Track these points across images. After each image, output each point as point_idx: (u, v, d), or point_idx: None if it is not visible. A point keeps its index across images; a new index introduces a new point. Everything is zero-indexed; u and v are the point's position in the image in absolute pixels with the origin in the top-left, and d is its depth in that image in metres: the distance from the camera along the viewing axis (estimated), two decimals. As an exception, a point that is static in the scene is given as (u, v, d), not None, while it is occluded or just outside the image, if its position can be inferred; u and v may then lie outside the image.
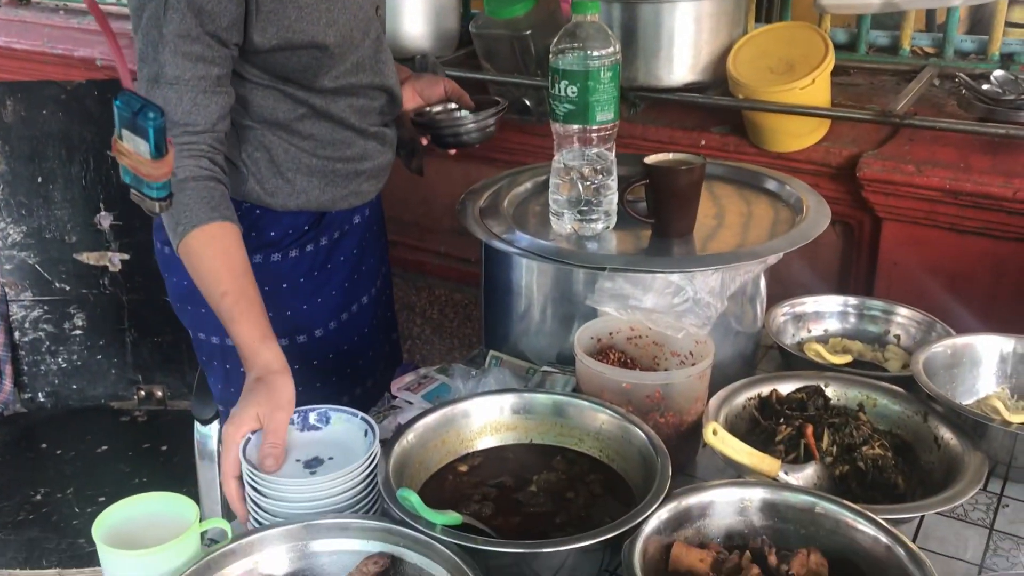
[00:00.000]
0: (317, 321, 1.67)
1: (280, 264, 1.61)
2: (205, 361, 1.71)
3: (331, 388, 1.71)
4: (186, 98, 1.36)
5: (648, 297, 1.33)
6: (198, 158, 1.37)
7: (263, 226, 1.58)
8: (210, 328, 1.63)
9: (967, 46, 2.24)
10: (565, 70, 1.41)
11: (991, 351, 1.41)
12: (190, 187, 1.34)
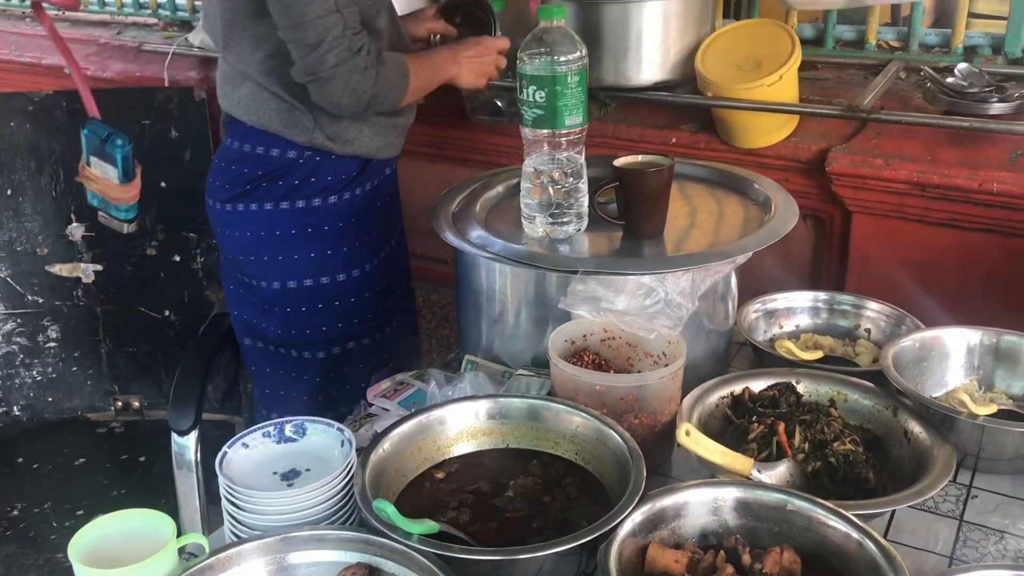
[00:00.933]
0: (359, 261, 1.89)
1: (336, 206, 1.83)
2: (266, 309, 1.87)
3: (364, 325, 1.93)
4: (351, 7, 1.65)
5: (620, 299, 1.34)
6: (372, 47, 1.67)
7: (323, 171, 1.80)
8: (272, 274, 1.83)
9: (931, 39, 2.27)
10: (533, 75, 1.41)
11: (958, 343, 1.43)
12: (383, 58, 1.70)
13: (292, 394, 1.94)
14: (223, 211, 1.83)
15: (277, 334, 1.88)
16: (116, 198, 1.06)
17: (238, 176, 1.80)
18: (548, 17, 1.40)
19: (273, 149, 1.79)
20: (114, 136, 1.04)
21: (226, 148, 1.83)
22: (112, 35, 3.46)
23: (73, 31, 3.58)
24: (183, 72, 3.06)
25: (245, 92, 1.77)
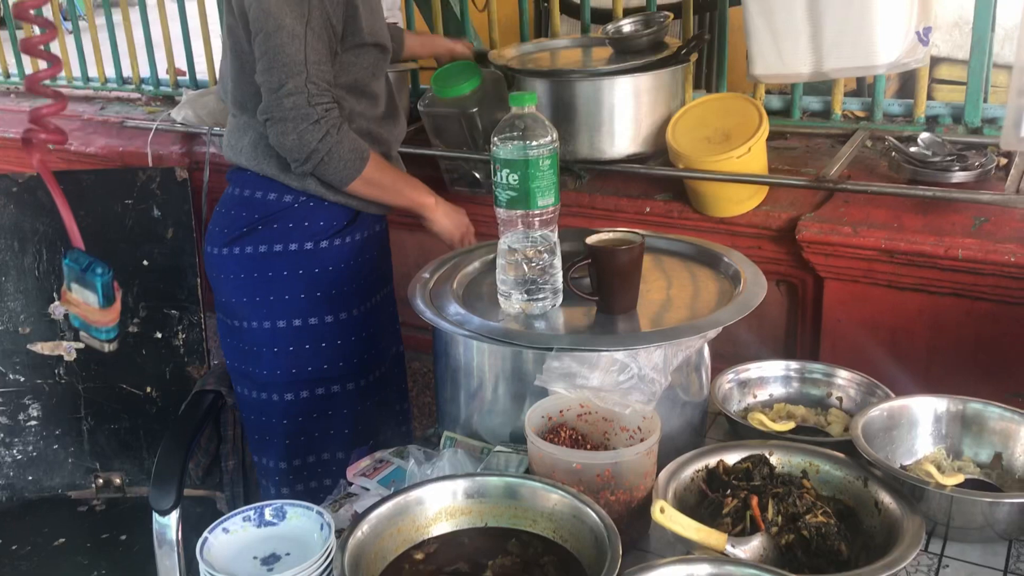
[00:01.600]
0: (347, 304, 1.99)
1: (327, 251, 1.95)
2: (254, 351, 1.96)
3: (349, 368, 2.01)
4: (327, 74, 1.78)
5: (595, 375, 1.37)
6: (335, 111, 1.80)
7: (316, 217, 1.93)
8: (262, 314, 1.93)
9: (895, 109, 2.34)
10: (506, 159, 1.46)
11: (926, 412, 1.46)
12: (346, 129, 1.81)
13: (277, 439, 2.00)
14: (219, 255, 1.93)
15: (263, 375, 1.96)
16: (97, 321, 1.10)
17: (236, 220, 1.92)
18: (520, 104, 1.45)
19: (271, 193, 1.91)
20: (94, 265, 1.09)
21: (228, 196, 1.96)
22: (96, 110, 3.52)
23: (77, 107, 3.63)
24: (166, 147, 3.11)
25: (248, 140, 1.91)
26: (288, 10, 1.72)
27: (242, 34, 1.82)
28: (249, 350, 1.97)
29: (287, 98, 1.74)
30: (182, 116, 2.91)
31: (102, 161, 3.24)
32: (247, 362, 1.98)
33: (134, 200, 2.19)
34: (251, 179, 1.93)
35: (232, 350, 2.01)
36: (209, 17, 3.31)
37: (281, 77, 1.74)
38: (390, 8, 2.88)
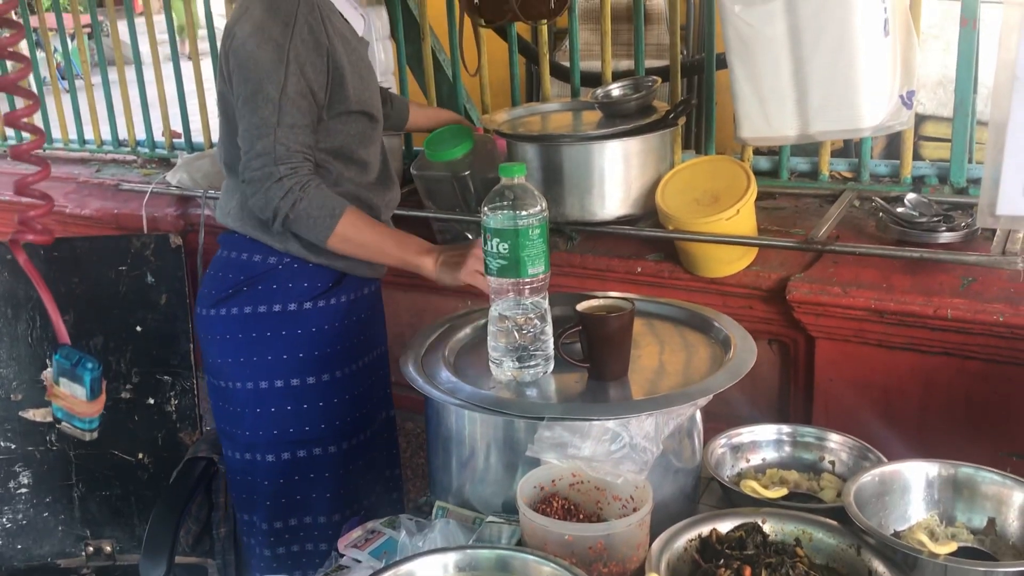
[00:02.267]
0: (331, 366, 1.99)
1: (311, 312, 1.96)
2: (237, 412, 1.97)
3: (332, 431, 2.00)
4: (302, 137, 1.81)
5: (586, 445, 1.37)
6: (311, 169, 1.83)
7: (300, 278, 1.95)
8: (247, 374, 1.94)
9: (881, 170, 2.37)
10: (496, 228, 1.47)
11: (918, 477, 1.46)
12: (316, 184, 1.82)
13: (260, 499, 2.00)
14: (207, 316, 1.95)
15: (246, 436, 1.97)
16: (81, 413, 1.11)
17: (223, 281, 1.95)
18: (509, 175, 1.47)
19: (256, 255, 1.94)
20: (84, 360, 1.11)
21: (217, 257, 2.00)
22: (92, 173, 3.54)
23: (53, 169, 3.65)
24: (161, 209, 3.13)
25: (236, 202, 1.95)
26: (266, 76, 1.77)
27: (230, 98, 1.87)
28: (233, 411, 1.98)
29: (255, 159, 1.79)
30: (177, 179, 2.93)
31: (97, 224, 3.26)
32: (231, 423, 1.99)
33: (128, 266, 2.21)
34: (238, 241, 1.96)
35: (218, 411, 2.02)
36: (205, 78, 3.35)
37: (252, 139, 1.79)
38: (384, 72, 2.93)
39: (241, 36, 1.80)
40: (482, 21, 2.63)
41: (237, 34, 1.81)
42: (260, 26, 1.78)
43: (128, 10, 3.62)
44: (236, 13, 1.85)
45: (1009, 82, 1.29)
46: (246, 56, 1.79)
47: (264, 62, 1.78)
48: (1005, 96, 1.33)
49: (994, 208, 1.38)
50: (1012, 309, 1.91)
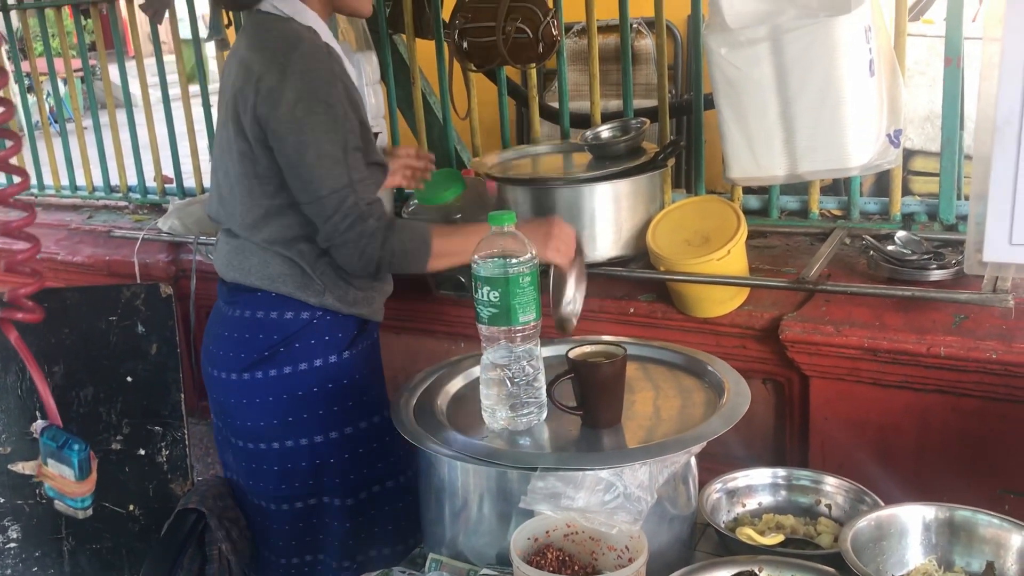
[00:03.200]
0: (361, 416, 1.96)
1: (345, 362, 1.93)
2: (263, 470, 1.92)
3: (357, 481, 1.96)
4: (371, 186, 1.83)
5: (580, 495, 1.35)
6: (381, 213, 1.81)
7: (334, 329, 1.92)
8: (282, 434, 1.89)
9: (871, 207, 2.38)
10: (487, 277, 1.47)
11: (915, 521, 1.45)
12: (398, 224, 1.83)
13: (274, 539, 1.98)
14: (241, 381, 1.89)
15: (268, 490, 1.93)
16: (72, 492, 1.11)
17: (255, 343, 1.89)
18: (499, 223, 1.47)
19: (287, 312, 1.89)
20: (71, 441, 1.12)
21: (237, 319, 1.92)
22: (83, 219, 3.55)
23: (45, 216, 3.67)
24: (152, 255, 3.13)
25: (257, 261, 1.89)
26: (326, 138, 1.74)
27: (259, 157, 1.81)
28: (258, 468, 1.94)
29: (343, 221, 1.76)
30: (168, 226, 2.93)
31: (88, 270, 3.25)
32: (253, 478, 1.95)
33: (118, 316, 2.20)
34: (263, 300, 1.90)
35: (239, 467, 1.97)
36: (196, 122, 3.37)
37: (332, 204, 1.75)
38: (375, 116, 2.94)
39: (287, 103, 1.73)
40: (471, 66, 2.65)
41: (281, 101, 1.74)
42: (305, 89, 1.74)
43: (119, 54, 3.65)
44: (263, 75, 1.76)
45: (989, 132, 1.30)
46: (298, 123, 1.74)
47: (319, 125, 1.75)
48: (986, 145, 1.33)
49: (980, 255, 1.38)
50: (1005, 346, 1.91)
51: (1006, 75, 1.30)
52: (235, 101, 1.82)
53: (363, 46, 2.88)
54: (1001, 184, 1.32)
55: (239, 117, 1.81)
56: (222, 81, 1.92)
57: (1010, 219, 1.33)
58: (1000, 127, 1.31)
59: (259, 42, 1.81)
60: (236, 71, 1.82)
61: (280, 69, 1.75)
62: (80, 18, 3.75)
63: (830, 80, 1.96)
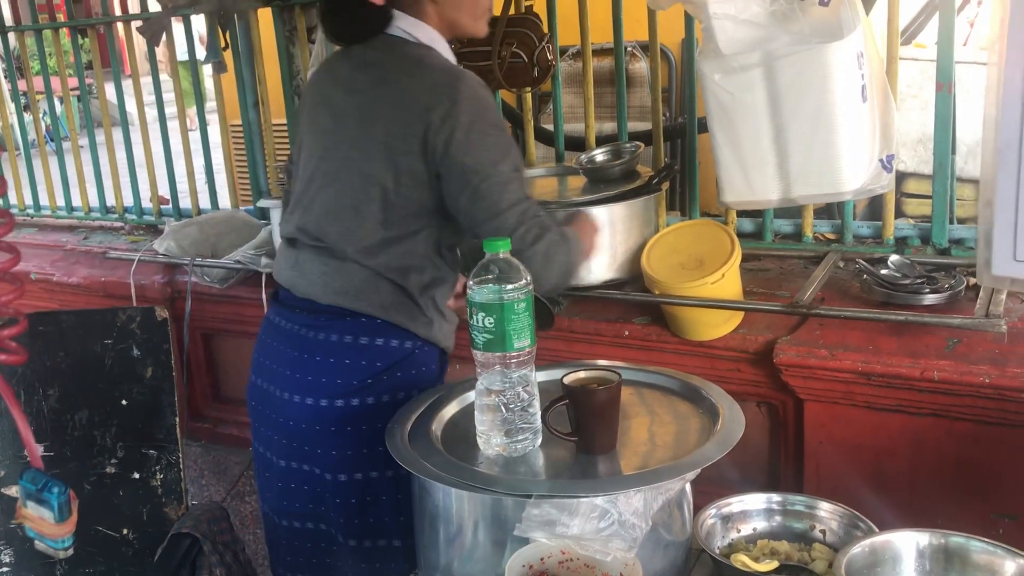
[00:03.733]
0: None
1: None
2: (369, 502, 1.86)
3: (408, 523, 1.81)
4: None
5: (575, 522, 1.35)
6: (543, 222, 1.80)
7: (429, 361, 1.91)
8: (381, 464, 1.79)
9: (864, 231, 2.40)
10: (481, 303, 1.48)
11: (909, 548, 1.45)
12: (555, 231, 1.80)
13: None
14: (329, 407, 1.82)
15: (385, 521, 1.88)
16: (52, 534, 1.11)
17: (355, 369, 1.83)
18: (494, 250, 1.47)
19: (392, 339, 1.85)
20: (50, 484, 1.12)
21: (334, 344, 1.84)
22: (79, 240, 3.55)
23: (40, 237, 3.67)
24: (148, 276, 3.13)
25: (368, 286, 1.84)
26: (501, 159, 1.77)
27: (401, 184, 1.80)
28: (319, 494, 1.88)
29: (528, 233, 1.75)
30: (164, 247, 2.94)
31: (84, 292, 3.25)
32: (306, 502, 1.90)
33: (113, 340, 2.20)
34: (368, 326, 1.84)
35: (287, 493, 1.90)
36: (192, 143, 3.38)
37: (515, 218, 1.75)
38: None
39: (463, 129, 1.74)
40: (466, 89, 2.66)
41: (457, 128, 1.74)
42: (477, 115, 1.76)
43: (115, 74, 3.66)
44: (433, 105, 1.75)
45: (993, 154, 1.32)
46: (475, 147, 1.75)
47: (495, 147, 1.77)
48: (991, 167, 1.36)
49: (991, 269, 1.42)
50: (998, 370, 1.92)
51: (1007, 101, 1.33)
52: (388, 128, 1.79)
53: (359, 69, 2.89)
54: (1005, 204, 1.36)
55: (390, 144, 1.78)
56: (335, 103, 1.88)
57: (1013, 236, 1.36)
58: (1002, 150, 1.35)
59: (414, 72, 1.80)
60: (386, 99, 1.80)
61: (451, 99, 1.75)
62: (77, 37, 3.76)
63: (823, 106, 1.98)
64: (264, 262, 2.71)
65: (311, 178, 1.91)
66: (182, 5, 3.11)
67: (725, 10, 2.03)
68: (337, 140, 1.87)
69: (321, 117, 1.91)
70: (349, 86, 1.87)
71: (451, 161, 1.76)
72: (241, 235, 2.99)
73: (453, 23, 1.89)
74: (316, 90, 1.98)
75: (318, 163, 1.90)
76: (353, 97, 1.85)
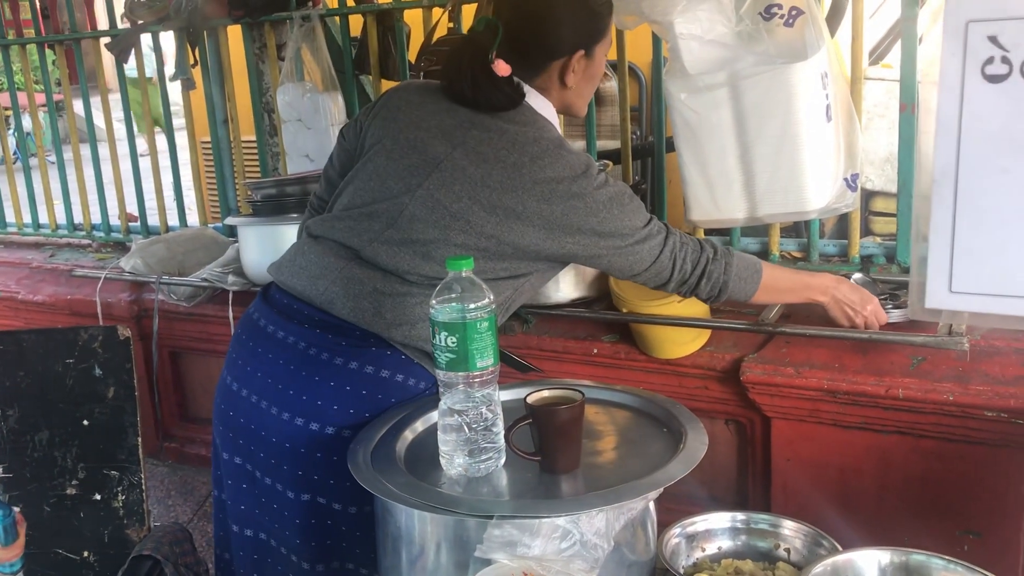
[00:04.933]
0: None
1: None
2: (343, 532, 1.77)
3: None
4: None
5: (536, 543, 1.34)
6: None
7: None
8: (349, 498, 1.73)
9: (830, 250, 2.41)
10: (444, 322, 1.46)
11: (871, 566, 1.45)
12: (735, 253, 1.82)
13: None
14: (334, 435, 1.71)
15: (295, 542, 1.79)
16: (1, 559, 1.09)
17: (372, 401, 1.73)
18: (456, 268, 1.46)
19: (411, 379, 1.76)
20: None
21: (352, 372, 1.74)
22: (45, 257, 3.51)
23: (6, 254, 3.63)
24: (115, 294, 3.10)
25: (410, 321, 1.75)
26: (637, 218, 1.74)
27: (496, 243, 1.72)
28: (305, 524, 1.78)
29: (685, 262, 1.76)
30: (131, 265, 2.91)
31: (50, 310, 3.22)
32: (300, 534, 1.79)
33: (75, 359, 2.17)
34: (392, 360, 1.75)
35: (286, 522, 1.80)
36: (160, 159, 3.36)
37: (669, 258, 1.75)
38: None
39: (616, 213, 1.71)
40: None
41: (614, 209, 1.71)
42: (558, 143, 1.74)
43: (83, 91, 3.64)
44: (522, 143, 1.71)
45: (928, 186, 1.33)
46: (635, 230, 1.73)
47: (574, 163, 1.72)
48: (926, 198, 1.37)
49: (923, 301, 1.41)
50: (961, 388, 1.93)
51: (940, 132, 1.33)
52: (522, 197, 1.69)
53: (328, 87, 2.89)
54: (940, 234, 1.36)
55: (521, 212, 1.70)
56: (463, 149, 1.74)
57: (949, 269, 1.36)
58: (938, 181, 1.35)
59: (558, 153, 1.72)
60: (525, 168, 1.70)
61: (587, 180, 1.71)
62: (44, 53, 3.73)
63: (788, 125, 2.00)
64: (231, 280, 2.68)
65: (405, 204, 1.76)
66: (151, 22, 3.10)
67: (691, 30, 2.05)
68: (451, 180, 1.74)
69: (432, 144, 1.77)
70: (473, 127, 1.76)
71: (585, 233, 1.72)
72: (209, 252, 2.97)
73: (570, 106, 1.87)
74: (426, 113, 1.82)
75: (422, 195, 1.75)
76: (480, 147, 1.74)
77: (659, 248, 1.74)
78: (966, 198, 1.33)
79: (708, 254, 1.78)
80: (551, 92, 1.81)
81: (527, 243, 1.72)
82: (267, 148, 3.25)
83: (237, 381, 1.84)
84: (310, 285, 1.80)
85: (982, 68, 1.30)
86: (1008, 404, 1.88)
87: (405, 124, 1.81)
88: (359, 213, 1.80)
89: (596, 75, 1.86)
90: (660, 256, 1.75)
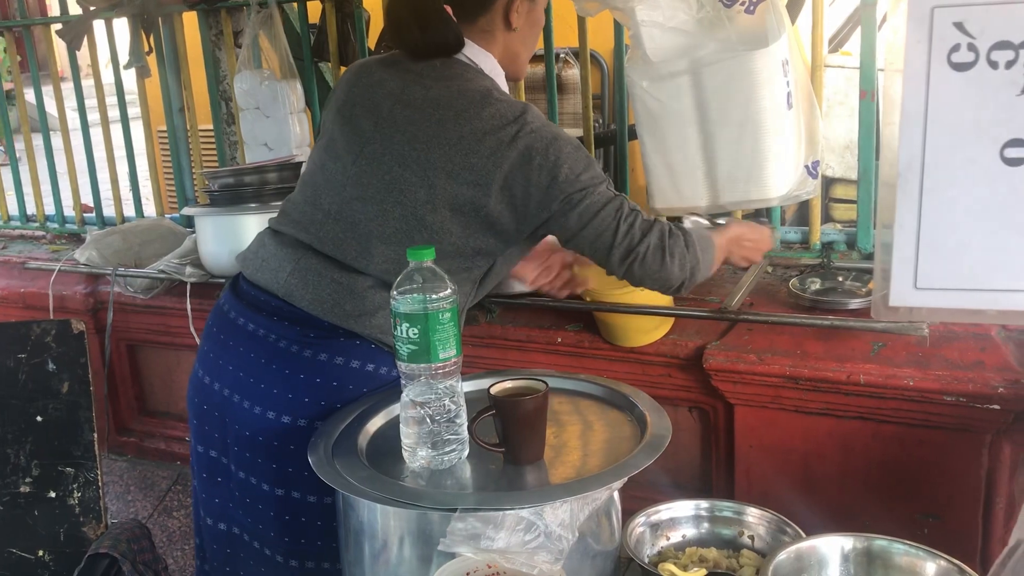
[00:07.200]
0: None
1: None
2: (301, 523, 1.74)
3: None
4: None
5: (500, 536, 1.33)
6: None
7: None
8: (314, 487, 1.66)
9: (792, 236, 2.42)
10: (406, 313, 1.45)
11: (834, 552, 1.47)
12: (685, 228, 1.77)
13: None
14: (307, 428, 1.68)
15: (270, 536, 1.77)
16: None
17: (341, 392, 1.71)
18: (418, 259, 1.44)
19: (383, 368, 1.74)
20: None
21: (321, 364, 1.71)
22: (-3, 249, 3.43)
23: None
24: (70, 287, 3.04)
25: (379, 313, 1.72)
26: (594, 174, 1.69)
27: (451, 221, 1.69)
28: (295, 522, 1.75)
29: (634, 228, 1.69)
30: (86, 257, 2.85)
31: (2, 303, 3.15)
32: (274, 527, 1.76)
33: (28, 354, 2.11)
34: (361, 350, 1.72)
35: (265, 518, 1.77)
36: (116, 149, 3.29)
37: (616, 222, 1.69)
38: (299, 145, 2.91)
39: (539, 154, 1.66)
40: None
41: (533, 155, 1.65)
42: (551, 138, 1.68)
43: (34, 79, 3.55)
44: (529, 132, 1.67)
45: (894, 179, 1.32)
46: (576, 178, 1.67)
47: (585, 165, 1.69)
48: (890, 194, 1.36)
49: (887, 301, 1.41)
50: (921, 373, 1.95)
51: (906, 122, 1.32)
52: (448, 156, 1.67)
53: (287, 74, 2.85)
54: (905, 230, 1.35)
55: (453, 173, 1.67)
56: (382, 112, 1.74)
57: (914, 265, 1.36)
58: (903, 173, 1.34)
59: (483, 103, 1.69)
60: (448, 125, 1.68)
61: (519, 126, 1.67)
62: (-4, 41, 3.64)
63: (749, 113, 1.99)
64: (189, 271, 2.64)
65: (342, 185, 1.75)
66: (103, 8, 3.03)
67: (652, 17, 2.04)
68: (381, 152, 1.73)
69: (361, 120, 1.76)
70: (400, 98, 1.74)
71: (532, 187, 1.67)
72: (166, 243, 2.92)
73: (514, 58, 1.83)
74: (359, 90, 1.80)
75: (356, 173, 1.75)
76: (406, 111, 1.72)
77: (601, 203, 1.67)
78: (932, 190, 1.32)
79: (663, 227, 1.71)
80: (495, 35, 1.79)
81: (462, 203, 1.68)
82: (224, 137, 3.19)
83: (209, 375, 1.81)
84: (272, 278, 1.78)
85: (948, 56, 1.29)
86: (966, 388, 1.90)
87: (339, 107, 1.81)
88: (306, 204, 1.80)
89: (539, 21, 1.86)
90: (602, 212, 1.67)
